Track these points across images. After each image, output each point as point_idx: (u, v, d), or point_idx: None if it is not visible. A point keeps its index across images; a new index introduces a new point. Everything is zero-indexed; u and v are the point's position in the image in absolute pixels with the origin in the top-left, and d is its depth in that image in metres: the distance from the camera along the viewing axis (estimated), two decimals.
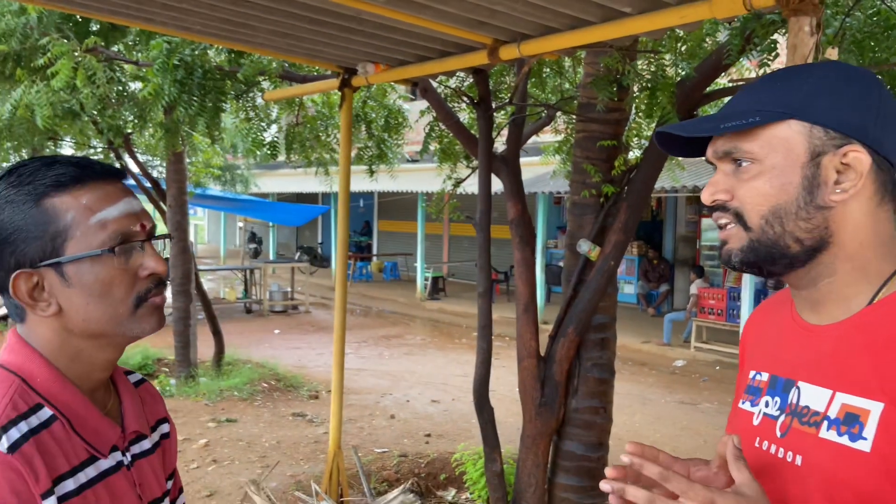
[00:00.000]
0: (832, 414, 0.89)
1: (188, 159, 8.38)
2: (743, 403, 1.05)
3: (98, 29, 5.07)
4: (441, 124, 4.47)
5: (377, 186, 10.75)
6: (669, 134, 0.99)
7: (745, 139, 0.93)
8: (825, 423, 0.89)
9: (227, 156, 12.99)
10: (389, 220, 20.42)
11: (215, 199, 14.61)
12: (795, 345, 0.98)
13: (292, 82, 5.04)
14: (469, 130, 4.18)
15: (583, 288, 3.53)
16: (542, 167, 8.32)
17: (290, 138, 5.83)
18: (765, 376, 1.02)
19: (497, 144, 3.96)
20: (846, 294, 0.93)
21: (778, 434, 0.95)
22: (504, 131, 4.22)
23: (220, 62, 4.59)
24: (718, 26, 3.63)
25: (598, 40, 2.75)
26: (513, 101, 4.05)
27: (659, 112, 3.23)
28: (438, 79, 4.12)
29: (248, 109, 5.19)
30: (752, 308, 9.59)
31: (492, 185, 3.76)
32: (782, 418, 0.96)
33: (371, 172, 5.95)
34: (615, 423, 3.85)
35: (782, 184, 0.91)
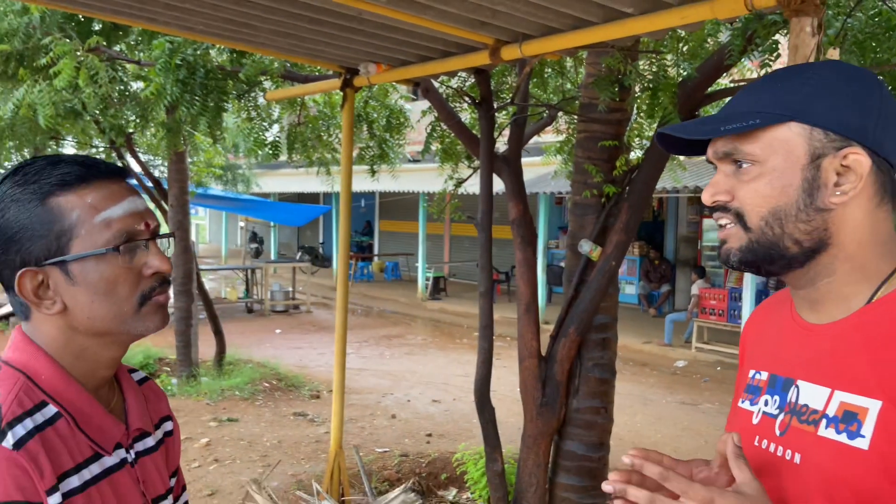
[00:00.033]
0: (830, 412, 0.89)
1: (190, 159, 8.38)
2: (742, 402, 1.05)
3: (100, 28, 5.08)
4: (443, 124, 4.48)
5: (378, 186, 10.74)
6: (670, 134, 0.99)
7: (746, 141, 0.93)
8: (824, 421, 0.89)
9: (229, 155, 12.99)
10: (391, 220, 20.43)
11: (217, 198, 14.61)
12: (795, 344, 0.99)
13: (294, 82, 5.04)
14: (471, 130, 4.18)
15: (584, 288, 3.53)
16: (543, 167, 8.33)
17: (291, 138, 5.84)
18: (764, 375, 1.03)
19: (498, 144, 3.96)
20: (845, 293, 0.93)
21: (777, 433, 0.96)
22: (506, 131, 4.23)
23: (222, 62, 4.60)
24: (720, 27, 3.63)
25: (600, 41, 2.76)
26: (514, 102, 4.06)
27: (660, 112, 3.24)
28: (440, 79, 4.12)
29: (250, 109, 5.19)
30: (753, 308, 9.56)
31: (493, 185, 3.76)
32: (781, 417, 0.96)
33: (372, 172, 5.95)
34: (616, 424, 3.86)
35: (783, 186, 0.91)
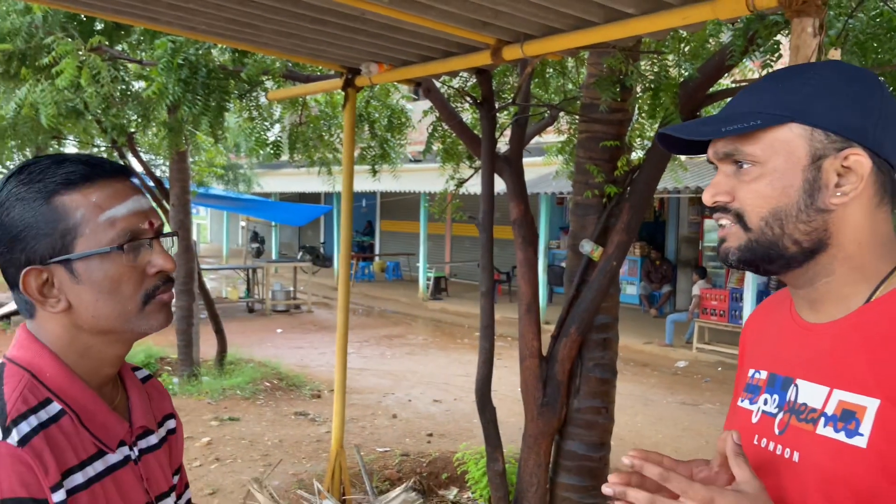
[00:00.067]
0: (829, 410, 0.89)
1: (191, 158, 8.39)
2: (742, 401, 1.05)
3: (102, 28, 5.09)
4: (444, 124, 4.48)
5: (380, 186, 10.75)
6: (671, 134, 1.00)
7: (747, 141, 0.93)
8: (822, 419, 0.90)
9: (230, 155, 12.99)
10: (392, 220, 20.43)
11: (218, 198, 14.62)
12: (794, 343, 0.99)
13: (296, 82, 5.05)
14: (472, 130, 4.19)
15: (585, 288, 3.53)
16: (544, 167, 8.33)
17: (293, 138, 5.85)
18: (763, 374, 1.03)
19: (500, 145, 3.97)
20: (844, 293, 0.94)
21: (776, 431, 0.96)
22: (507, 131, 4.23)
23: (224, 62, 4.60)
24: (721, 27, 3.63)
25: (602, 41, 2.76)
26: (516, 102, 4.06)
27: (662, 112, 3.24)
28: (442, 79, 4.13)
29: (252, 109, 5.21)
30: (754, 309, 9.56)
31: (495, 185, 3.77)
32: (780, 416, 0.96)
33: (374, 172, 5.96)
34: (617, 424, 3.86)
35: (783, 187, 0.92)
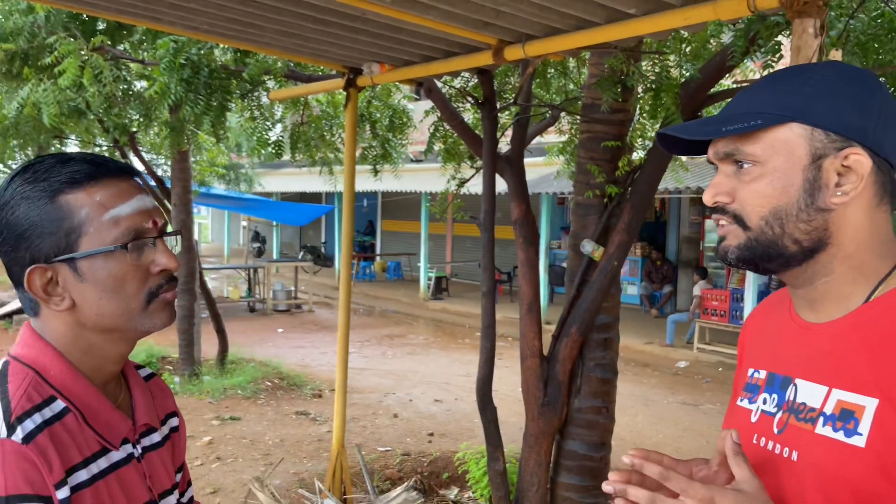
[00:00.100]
0: (828, 410, 0.90)
1: (193, 158, 8.40)
2: (741, 401, 1.06)
3: (105, 28, 5.09)
4: (445, 124, 4.48)
5: (381, 186, 10.76)
6: (671, 134, 1.00)
7: (747, 141, 0.93)
8: (821, 419, 0.90)
9: (232, 155, 13.00)
10: (393, 219, 20.44)
11: (219, 197, 14.62)
12: (793, 342, 0.99)
13: (297, 82, 5.06)
14: (473, 130, 4.19)
15: (586, 288, 3.54)
16: (545, 168, 8.33)
17: (294, 137, 5.85)
18: (763, 374, 1.03)
19: (501, 145, 3.97)
20: (843, 293, 0.94)
21: (775, 430, 0.96)
22: (508, 131, 4.23)
23: (226, 61, 4.61)
24: (723, 28, 3.64)
25: (603, 41, 2.77)
26: (517, 102, 4.06)
27: (663, 113, 3.25)
28: (443, 79, 4.13)
29: (253, 109, 5.21)
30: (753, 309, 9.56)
31: (496, 185, 3.77)
32: (779, 415, 0.97)
33: (375, 172, 5.96)
34: (618, 424, 3.87)
35: (784, 186, 0.92)
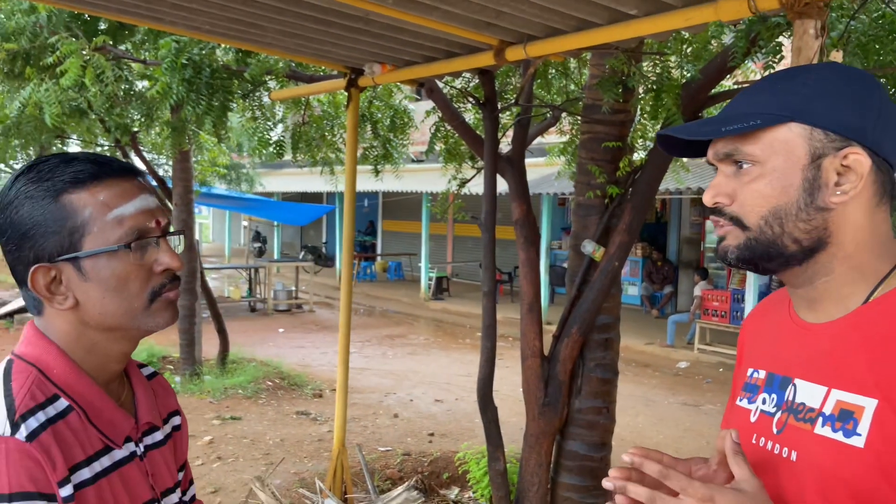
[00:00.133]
0: (827, 410, 0.90)
1: (194, 158, 8.40)
2: (740, 401, 1.06)
3: (106, 28, 5.10)
4: (447, 125, 4.49)
5: (382, 186, 10.77)
6: (671, 135, 1.00)
7: (746, 141, 0.94)
8: (820, 419, 0.90)
9: (233, 155, 13.01)
10: (394, 220, 20.45)
11: (221, 197, 14.64)
12: (792, 343, 1.00)
13: (299, 82, 5.06)
14: (474, 131, 4.19)
15: (587, 288, 3.54)
16: (546, 168, 8.34)
17: (296, 138, 5.85)
18: (762, 374, 1.03)
19: (502, 145, 3.98)
20: (843, 293, 0.94)
21: (774, 430, 0.96)
22: (509, 132, 4.24)
23: (228, 61, 4.61)
24: (724, 29, 3.64)
25: (604, 42, 2.77)
26: (518, 102, 4.07)
27: (664, 113, 3.25)
28: (444, 79, 4.14)
29: (255, 109, 5.21)
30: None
31: (497, 185, 3.78)
32: (779, 415, 0.97)
33: (376, 172, 5.96)
34: (618, 424, 3.87)
35: (783, 186, 0.92)
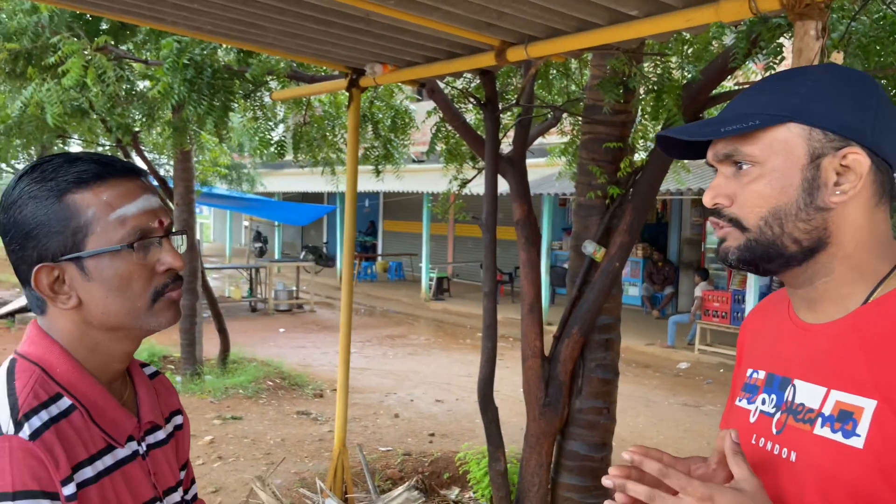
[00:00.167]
0: (826, 411, 0.90)
1: (195, 158, 8.41)
2: (740, 401, 1.06)
3: (108, 28, 5.11)
4: (448, 125, 4.49)
5: (383, 186, 10.76)
6: (671, 137, 1.01)
7: (746, 142, 0.94)
8: (819, 419, 0.90)
9: (234, 155, 13.02)
10: (395, 220, 20.46)
11: (222, 197, 14.65)
12: (792, 343, 1.00)
13: (300, 82, 5.07)
14: (475, 131, 4.20)
15: (587, 289, 3.54)
16: (547, 168, 8.34)
17: (297, 138, 5.86)
18: (762, 374, 1.04)
19: (503, 145, 3.98)
20: (842, 293, 0.95)
21: (774, 431, 0.97)
22: (510, 132, 4.24)
23: (229, 62, 4.62)
24: (725, 30, 3.65)
25: (605, 43, 2.78)
26: (519, 103, 4.07)
27: (665, 114, 3.26)
28: (445, 80, 4.14)
29: (256, 109, 5.22)
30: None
31: (498, 185, 3.78)
32: (778, 415, 0.97)
33: (377, 172, 5.97)
34: (618, 425, 3.87)
35: (783, 186, 0.92)
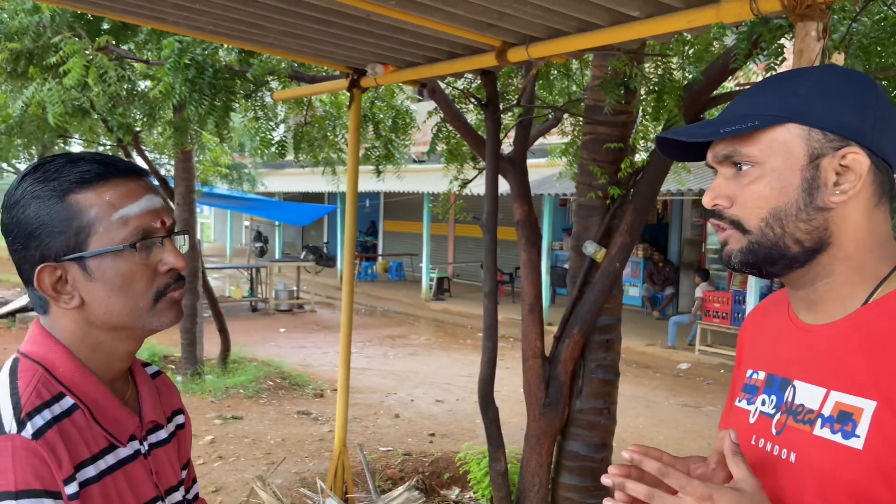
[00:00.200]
0: (826, 412, 0.90)
1: (196, 158, 8.41)
2: (739, 402, 1.06)
3: (109, 28, 5.11)
4: (448, 125, 4.49)
5: (383, 187, 10.76)
6: (670, 138, 1.01)
7: (745, 143, 0.94)
8: (819, 420, 0.91)
9: (235, 154, 13.02)
10: (395, 220, 20.46)
11: (222, 197, 14.67)
12: (792, 344, 1.00)
13: (301, 82, 5.07)
14: (476, 131, 4.20)
15: (588, 289, 3.55)
16: (548, 169, 8.34)
17: (298, 138, 5.86)
18: (761, 375, 1.04)
19: (504, 146, 3.98)
20: (843, 294, 0.95)
21: (773, 432, 0.97)
22: (511, 133, 4.24)
23: (230, 62, 4.62)
24: (726, 30, 3.64)
25: (606, 43, 2.78)
26: (520, 103, 4.07)
27: (666, 115, 3.25)
28: (446, 80, 4.14)
29: (257, 109, 5.22)
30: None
31: (498, 186, 3.78)
32: (778, 416, 0.97)
33: (378, 172, 5.97)
34: (619, 425, 3.87)
35: (782, 186, 0.93)
